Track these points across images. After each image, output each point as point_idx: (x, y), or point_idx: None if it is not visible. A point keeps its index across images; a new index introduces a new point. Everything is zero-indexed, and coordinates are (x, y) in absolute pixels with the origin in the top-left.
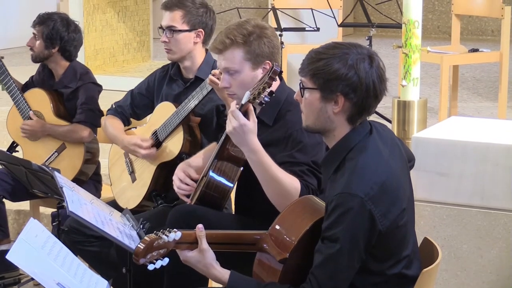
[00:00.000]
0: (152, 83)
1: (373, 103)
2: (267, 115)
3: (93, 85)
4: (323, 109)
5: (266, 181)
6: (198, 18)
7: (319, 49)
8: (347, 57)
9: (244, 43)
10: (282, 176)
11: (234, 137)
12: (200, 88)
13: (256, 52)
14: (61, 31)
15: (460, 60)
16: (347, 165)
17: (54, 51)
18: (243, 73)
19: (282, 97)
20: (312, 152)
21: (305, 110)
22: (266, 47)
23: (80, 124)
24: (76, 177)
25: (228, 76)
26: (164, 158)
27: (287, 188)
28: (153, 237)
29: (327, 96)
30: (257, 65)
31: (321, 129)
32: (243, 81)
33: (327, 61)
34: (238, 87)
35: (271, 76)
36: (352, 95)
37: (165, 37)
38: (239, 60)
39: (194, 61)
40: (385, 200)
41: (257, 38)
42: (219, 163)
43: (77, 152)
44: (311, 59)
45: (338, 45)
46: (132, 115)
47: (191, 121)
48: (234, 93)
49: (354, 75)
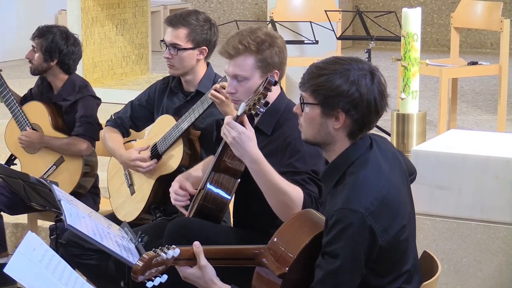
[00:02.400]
0: (153, 94)
1: (374, 119)
2: (266, 124)
3: (92, 98)
4: (323, 124)
5: (269, 191)
6: (203, 36)
7: (319, 64)
8: (349, 73)
9: (257, 51)
10: (285, 185)
11: (235, 147)
12: (200, 101)
13: (267, 60)
14: (60, 44)
15: (459, 73)
16: (348, 179)
17: (52, 64)
18: (252, 80)
19: (281, 106)
20: (311, 161)
21: (305, 124)
22: (276, 57)
23: (79, 137)
24: (74, 190)
25: (235, 82)
26: (163, 171)
27: (291, 197)
28: (152, 255)
29: (328, 112)
30: (266, 73)
31: (320, 143)
32: (250, 88)
33: (328, 77)
34: (244, 93)
35: (266, 86)
36: (353, 111)
37: (169, 53)
38: (250, 68)
39: (195, 75)
40: (385, 215)
41: (269, 46)
42: (216, 175)
43: (75, 165)
44: (311, 74)
45: (339, 60)
46: (132, 126)
47: (191, 134)
48: (239, 99)
49: (355, 92)
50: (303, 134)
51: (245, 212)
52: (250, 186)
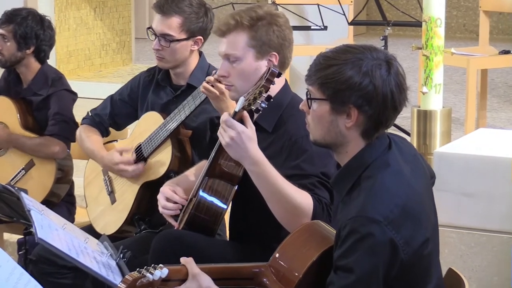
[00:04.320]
0: (136, 88)
1: (391, 115)
2: (267, 120)
3: (67, 92)
4: (333, 122)
5: (273, 197)
6: (198, 24)
7: (328, 53)
8: (361, 63)
9: (250, 26)
10: (291, 190)
11: (233, 149)
12: (192, 97)
13: (262, 39)
14: (36, 28)
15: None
16: (363, 184)
17: (29, 52)
18: (245, 61)
19: (284, 100)
20: (321, 162)
21: (313, 123)
22: (275, 36)
23: (52, 137)
24: (46, 198)
25: (227, 63)
26: (149, 177)
27: (299, 204)
28: (136, 276)
29: (338, 108)
30: (261, 54)
31: (331, 144)
32: (244, 70)
33: (338, 68)
34: (237, 77)
35: (268, 78)
36: (366, 107)
37: (159, 45)
38: (242, 46)
39: (187, 67)
40: (407, 225)
41: (266, 24)
42: (210, 181)
43: (47, 170)
44: (319, 65)
45: (351, 48)
46: (112, 125)
47: (181, 134)
48: (232, 84)
49: (369, 84)
50: (312, 135)
51: (243, 224)
52: (250, 193)
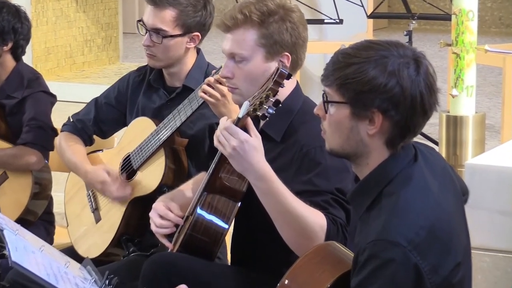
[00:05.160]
0: (124, 90)
1: (420, 121)
2: (274, 128)
3: (45, 94)
4: (354, 129)
5: (281, 217)
6: (195, 19)
7: (348, 50)
8: (386, 61)
9: (260, 23)
10: (302, 209)
11: (236, 160)
12: (188, 100)
13: (274, 37)
14: (13, 22)
15: None
16: (385, 202)
17: (6, 49)
18: (253, 62)
19: (295, 105)
20: (336, 177)
21: (330, 129)
22: (287, 35)
23: (27, 146)
24: (22, 216)
25: (232, 63)
26: (138, 192)
27: (311, 225)
28: None
29: (359, 113)
30: (272, 55)
31: (350, 154)
32: (251, 72)
33: (359, 67)
34: (243, 79)
35: (277, 80)
36: (393, 111)
37: (149, 40)
38: (250, 44)
39: (182, 66)
40: (435, 250)
41: (278, 20)
42: (209, 197)
43: (22, 184)
44: (337, 64)
45: (374, 44)
46: (97, 132)
47: (176, 143)
48: (237, 87)
49: (395, 86)
50: (328, 143)
51: (247, 246)
52: (255, 210)
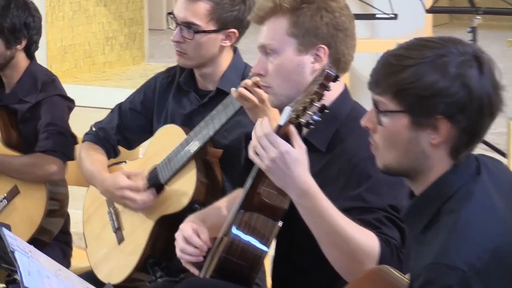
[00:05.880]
0: (151, 94)
1: (486, 124)
2: (319, 137)
3: (61, 99)
4: (413, 140)
5: (328, 238)
6: (232, 13)
7: (399, 51)
8: (446, 61)
9: (291, 10)
10: (352, 229)
11: (276, 174)
12: (223, 105)
13: (306, 26)
14: (24, 16)
15: None
16: (444, 220)
17: (20, 47)
18: (283, 54)
19: (342, 111)
20: (389, 192)
21: (384, 143)
22: (323, 24)
23: (46, 154)
24: (35, 236)
25: (264, 58)
26: (166, 210)
27: (361, 246)
28: None
29: (420, 121)
30: (305, 47)
31: (408, 169)
32: (282, 66)
33: (417, 69)
34: (274, 75)
35: (323, 83)
36: (460, 116)
37: (180, 35)
38: (280, 34)
39: (217, 67)
40: (499, 276)
41: (314, 9)
42: (246, 215)
43: (35, 199)
44: (390, 68)
45: (428, 42)
46: (121, 142)
47: (209, 154)
48: (269, 85)
49: (460, 88)
50: (381, 160)
51: (289, 270)
52: (297, 230)
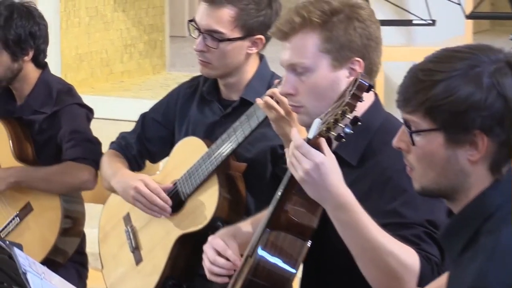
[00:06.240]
0: (173, 104)
1: None
2: (350, 150)
3: (79, 108)
4: (451, 158)
5: (366, 255)
6: (258, 18)
7: (426, 65)
8: (479, 72)
9: (322, 24)
10: (391, 244)
11: (310, 187)
12: (246, 116)
13: (340, 41)
14: (28, 26)
15: None
16: (482, 242)
17: (27, 59)
18: (318, 72)
19: (374, 123)
20: (426, 207)
21: (420, 164)
22: (357, 36)
23: (77, 162)
24: (49, 256)
25: (293, 77)
26: (187, 228)
27: (400, 262)
28: None
29: (457, 138)
30: (339, 62)
31: (448, 189)
32: (316, 85)
33: (449, 83)
34: (307, 94)
35: (355, 93)
36: (498, 129)
37: (203, 44)
38: (312, 51)
39: (242, 76)
40: None
41: (345, 20)
42: (273, 235)
43: (49, 217)
44: (419, 84)
45: (455, 53)
46: (143, 153)
47: (232, 169)
48: (301, 104)
49: (497, 99)
50: (418, 181)
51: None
52: (328, 250)
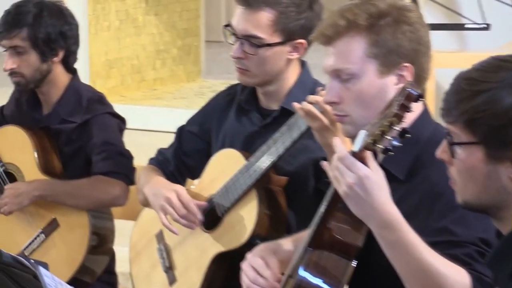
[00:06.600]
0: (210, 114)
1: None
2: (397, 163)
3: (112, 117)
4: (491, 174)
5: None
6: (299, 22)
7: (471, 73)
8: None
9: (369, 27)
10: (441, 265)
11: (354, 202)
12: (287, 127)
13: (388, 45)
14: (59, 24)
15: None
16: None
17: (57, 60)
18: (364, 78)
19: (422, 135)
20: (479, 224)
21: (461, 178)
22: (406, 40)
23: (108, 176)
24: (76, 276)
25: (338, 84)
26: (224, 246)
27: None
28: None
29: (497, 154)
30: (388, 68)
31: (489, 206)
32: (363, 92)
33: (491, 95)
34: (353, 103)
35: (403, 104)
36: None
37: (240, 51)
38: (359, 56)
39: (282, 84)
40: None
41: (393, 23)
42: (315, 254)
43: (76, 234)
44: (461, 94)
45: (503, 62)
46: (181, 168)
47: (272, 183)
48: (346, 113)
49: None
50: (460, 195)
51: None
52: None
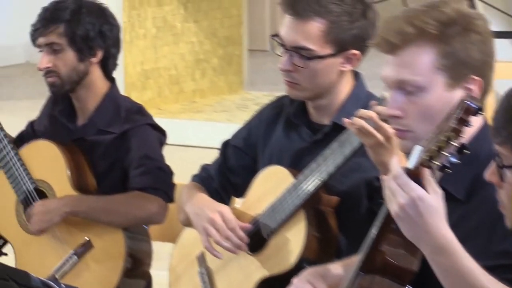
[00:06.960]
0: (256, 128)
1: None
2: (455, 181)
3: (152, 130)
4: None
5: None
6: (352, 31)
7: None
8: None
9: (439, 36)
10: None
11: (405, 224)
12: (339, 143)
13: (458, 56)
14: (98, 22)
15: None
16: None
17: (95, 60)
18: (431, 92)
19: (482, 151)
20: None
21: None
22: (475, 50)
23: (146, 192)
24: None
25: (401, 97)
26: (270, 270)
27: None
28: None
29: None
30: (456, 80)
31: None
32: (430, 107)
33: None
34: (418, 118)
35: (462, 117)
36: None
37: (290, 63)
38: (427, 67)
39: (334, 97)
40: None
41: (462, 31)
42: (367, 279)
43: (111, 256)
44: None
45: None
46: (226, 186)
47: (322, 203)
48: (410, 129)
49: None
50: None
51: None
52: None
